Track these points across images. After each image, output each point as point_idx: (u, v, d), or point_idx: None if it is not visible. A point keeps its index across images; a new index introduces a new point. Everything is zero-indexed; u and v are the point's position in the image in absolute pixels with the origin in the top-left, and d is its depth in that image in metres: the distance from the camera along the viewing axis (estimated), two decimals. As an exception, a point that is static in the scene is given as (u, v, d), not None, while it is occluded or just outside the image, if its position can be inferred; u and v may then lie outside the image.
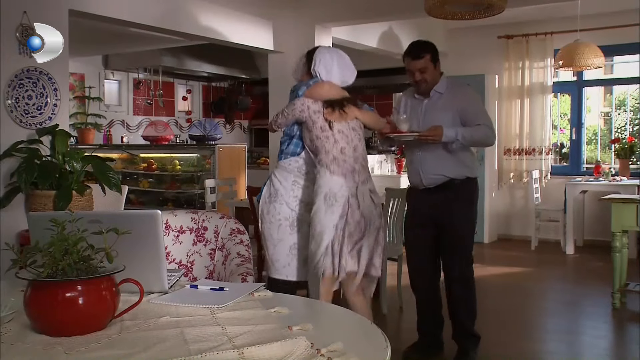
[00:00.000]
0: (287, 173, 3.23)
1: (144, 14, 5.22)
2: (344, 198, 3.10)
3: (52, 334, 1.51)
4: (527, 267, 6.55)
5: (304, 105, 3.21)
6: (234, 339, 1.47)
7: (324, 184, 3.11)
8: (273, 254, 3.21)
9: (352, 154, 3.20)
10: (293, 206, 3.20)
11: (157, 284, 1.90)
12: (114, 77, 9.21)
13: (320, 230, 3.08)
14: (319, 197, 3.10)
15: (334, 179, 3.12)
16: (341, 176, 3.13)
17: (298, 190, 3.21)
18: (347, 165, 3.17)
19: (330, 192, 3.09)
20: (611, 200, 4.78)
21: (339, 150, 3.16)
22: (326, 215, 3.07)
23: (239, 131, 11.19)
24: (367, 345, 1.50)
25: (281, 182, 3.21)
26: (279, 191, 3.20)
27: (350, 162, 3.18)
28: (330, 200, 3.07)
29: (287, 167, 3.24)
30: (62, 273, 1.53)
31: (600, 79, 8.32)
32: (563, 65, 6.57)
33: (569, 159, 8.26)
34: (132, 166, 8.14)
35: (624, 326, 4.63)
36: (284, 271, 3.17)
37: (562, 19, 7.40)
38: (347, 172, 3.16)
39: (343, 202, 3.09)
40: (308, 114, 3.19)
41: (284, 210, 3.19)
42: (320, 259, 3.08)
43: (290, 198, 3.19)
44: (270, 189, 3.25)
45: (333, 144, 3.16)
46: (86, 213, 2.61)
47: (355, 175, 3.18)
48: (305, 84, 3.30)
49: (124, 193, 4.87)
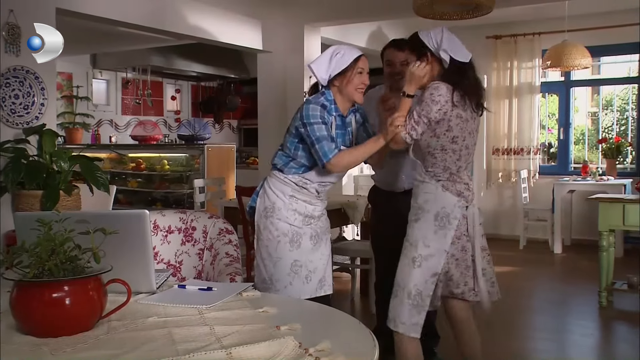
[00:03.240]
0: (284, 186, 2.86)
1: (133, 13, 5.20)
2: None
3: (39, 335, 1.50)
4: (515, 266, 6.58)
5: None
6: (222, 339, 1.47)
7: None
8: (273, 273, 2.84)
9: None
10: (292, 220, 2.84)
11: (145, 284, 1.90)
12: (102, 77, 9.16)
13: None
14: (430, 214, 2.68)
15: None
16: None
17: (296, 204, 2.85)
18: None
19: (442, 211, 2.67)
20: (598, 200, 4.81)
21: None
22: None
23: (228, 131, 11.17)
24: (355, 344, 1.51)
25: (278, 195, 2.85)
26: (276, 205, 2.84)
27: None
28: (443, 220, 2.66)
29: (284, 180, 2.86)
30: (49, 273, 1.52)
31: (587, 79, 8.37)
32: (551, 66, 6.61)
33: (556, 158, 8.31)
34: (120, 166, 8.10)
35: (610, 324, 4.67)
36: (286, 292, 2.80)
37: (550, 20, 7.44)
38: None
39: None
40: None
41: (282, 226, 2.82)
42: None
43: (289, 212, 2.83)
44: (265, 202, 2.88)
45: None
46: (73, 213, 2.59)
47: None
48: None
49: (112, 193, 4.85)
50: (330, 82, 2.79)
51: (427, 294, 2.65)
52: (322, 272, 2.90)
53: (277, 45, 6.55)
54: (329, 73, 2.78)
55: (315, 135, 2.69)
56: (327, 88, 2.80)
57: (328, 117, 2.75)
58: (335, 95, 2.80)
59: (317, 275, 2.88)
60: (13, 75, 4.16)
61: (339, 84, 2.77)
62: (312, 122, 2.70)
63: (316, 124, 2.70)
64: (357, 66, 2.77)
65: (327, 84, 2.80)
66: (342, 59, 2.77)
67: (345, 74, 2.76)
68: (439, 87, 2.58)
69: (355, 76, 2.76)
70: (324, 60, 2.80)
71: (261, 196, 2.90)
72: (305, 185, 2.84)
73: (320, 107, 2.73)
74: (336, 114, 2.80)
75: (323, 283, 2.91)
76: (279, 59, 6.60)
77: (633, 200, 4.64)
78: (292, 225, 2.83)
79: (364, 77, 2.78)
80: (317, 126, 2.70)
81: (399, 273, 2.72)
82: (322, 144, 2.68)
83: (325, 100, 2.77)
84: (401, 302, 2.68)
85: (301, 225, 2.85)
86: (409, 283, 2.66)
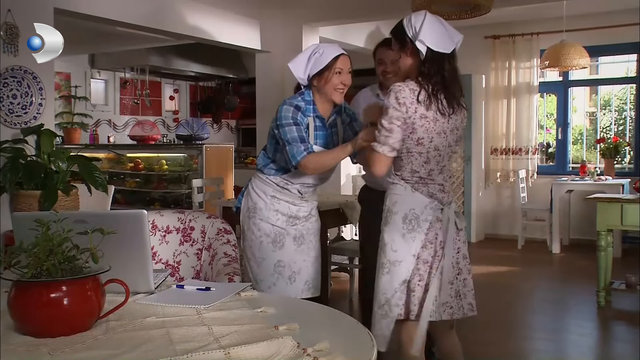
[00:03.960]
0: (265, 186, 2.84)
1: (131, 12, 5.20)
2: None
3: (37, 335, 1.49)
4: (513, 266, 6.59)
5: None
6: (220, 339, 1.47)
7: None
8: (257, 273, 2.83)
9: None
10: (274, 221, 2.81)
11: (143, 284, 1.90)
12: (101, 77, 9.15)
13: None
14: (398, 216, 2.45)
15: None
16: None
17: (278, 204, 2.82)
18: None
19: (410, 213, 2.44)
20: (596, 200, 4.82)
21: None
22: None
23: (227, 131, 11.16)
24: (354, 344, 1.50)
25: (259, 196, 2.83)
26: (257, 205, 2.82)
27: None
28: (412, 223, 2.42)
29: (266, 180, 2.84)
30: (47, 273, 1.52)
31: (585, 79, 8.38)
32: (549, 66, 6.61)
33: (555, 158, 8.32)
34: (118, 166, 8.09)
35: (608, 324, 4.67)
36: (270, 292, 2.76)
37: (548, 20, 7.45)
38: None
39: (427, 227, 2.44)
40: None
41: (264, 226, 2.80)
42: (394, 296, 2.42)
43: (271, 212, 2.81)
44: (248, 202, 2.87)
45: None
46: (71, 213, 2.59)
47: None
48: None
49: (110, 193, 4.85)
50: (310, 82, 2.74)
51: (395, 302, 2.39)
52: (307, 274, 2.86)
53: (276, 45, 6.55)
54: (307, 73, 2.72)
55: (286, 137, 2.66)
56: (308, 88, 2.75)
57: (303, 118, 2.70)
58: (314, 95, 2.74)
59: (302, 277, 2.85)
60: (11, 75, 4.15)
61: (317, 83, 2.71)
62: (284, 124, 2.67)
63: (287, 126, 2.66)
64: (335, 66, 2.68)
65: (307, 84, 2.75)
66: (320, 58, 2.69)
67: (323, 74, 2.69)
68: (401, 89, 2.34)
69: (334, 76, 2.68)
70: (302, 60, 2.74)
71: (245, 196, 2.90)
72: (287, 186, 2.82)
73: (294, 109, 2.69)
74: (314, 114, 2.74)
75: (309, 285, 2.87)
76: (277, 59, 6.60)
77: (631, 200, 4.65)
78: (275, 226, 2.81)
79: (344, 77, 2.70)
80: (289, 127, 2.66)
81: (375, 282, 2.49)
82: (292, 146, 2.65)
83: (302, 101, 2.72)
84: (373, 313, 2.46)
85: (284, 226, 2.82)
86: (378, 292, 2.44)
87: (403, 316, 2.41)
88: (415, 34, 2.39)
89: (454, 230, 2.46)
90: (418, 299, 2.39)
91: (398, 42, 2.49)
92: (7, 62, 4.11)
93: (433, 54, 2.37)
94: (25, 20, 4.13)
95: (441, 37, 2.40)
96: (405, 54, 2.45)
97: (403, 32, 2.45)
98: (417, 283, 2.39)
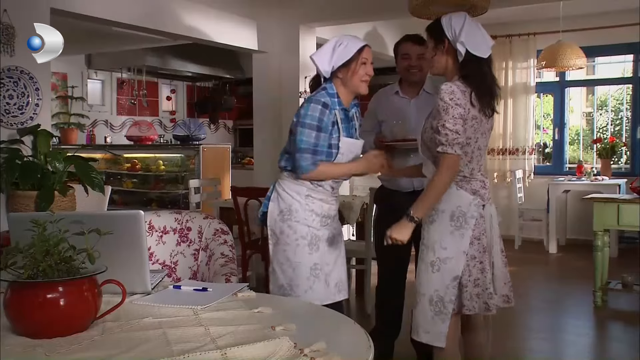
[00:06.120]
0: (298, 186, 2.74)
1: (128, 13, 5.19)
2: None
3: (33, 336, 1.49)
4: (510, 266, 6.48)
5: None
6: (217, 340, 1.47)
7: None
8: (292, 278, 2.71)
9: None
10: (310, 222, 2.73)
11: (140, 285, 1.89)
12: (97, 77, 9.15)
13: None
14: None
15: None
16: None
17: (313, 204, 2.74)
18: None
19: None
20: (593, 200, 4.82)
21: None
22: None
23: (224, 131, 11.16)
24: (350, 345, 1.51)
25: (293, 197, 2.73)
26: (292, 207, 2.72)
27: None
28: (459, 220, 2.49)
29: (297, 180, 2.74)
30: (43, 274, 1.51)
31: (582, 80, 8.41)
32: (546, 66, 6.63)
33: (551, 158, 8.33)
34: (115, 166, 8.08)
35: (605, 324, 4.68)
36: (306, 297, 2.67)
37: (545, 20, 7.46)
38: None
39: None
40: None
41: (301, 229, 2.71)
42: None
43: (307, 213, 2.72)
44: (279, 205, 2.76)
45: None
46: (68, 214, 2.58)
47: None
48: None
49: (107, 193, 4.83)
50: (333, 74, 2.71)
51: (448, 299, 2.46)
52: (337, 276, 2.81)
53: (273, 45, 6.55)
54: (332, 65, 2.69)
55: (301, 141, 2.63)
56: (329, 81, 2.72)
57: (329, 115, 2.66)
58: (338, 88, 2.72)
59: (332, 279, 2.79)
60: (7, 76, 4.14)
61: (343, 75, 2.69)
62: (306, 124, 2.63)
63: (308, 128, 2.63)
64: (361, 57, 2.69)
65: (329, 77, 2.72)
66: (345, 50, 2.68)
67: (349, 65, 2.68)
68: (453, 90, 2.39)
69: (360, 67, 2.69)
70: (326, 52, 2.71)
71: (274, 200, 2.79)
72: (320, 183, 2.76)
73: (321, 107, 2.64)
74: (339, 107, 2.71)
75: (340, 287, 2.83)
76: (274, 59, 6.60)
77: (628, 200, 4.66)
78: (311, 227, 2.74)
79: (369, 68, 2.71)
80: (308, 131, 2.63)
81: (417, 279, 2.56)
82: (302, 155, 2.64)
83: (327, 95, 2.68)
84: (423, 310, 2.52)
85: (319, 226, 2.76)
86: (429, 289, 2.50)
87: (456, 310, 2.50)
88: (455, 35, 2.46)
89: (497, 226, 2.62)
90: (470, 294, 2.48)
91: (434, 40, 2.55)
92: (3, 62, 4.09)
93: (471, 56, 2.45)
94: (22, 20, 4.12)
95: (480, 41, 2.48)
96: (441, 53, 2.52)
97: (441, 31, 2.52)
98: (468, 279, 2.48)
